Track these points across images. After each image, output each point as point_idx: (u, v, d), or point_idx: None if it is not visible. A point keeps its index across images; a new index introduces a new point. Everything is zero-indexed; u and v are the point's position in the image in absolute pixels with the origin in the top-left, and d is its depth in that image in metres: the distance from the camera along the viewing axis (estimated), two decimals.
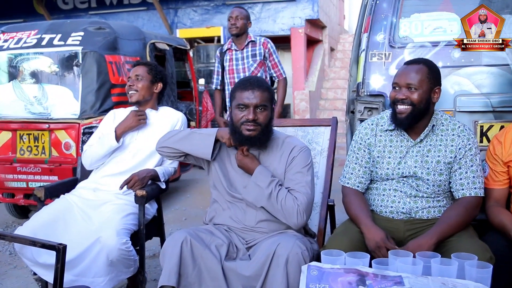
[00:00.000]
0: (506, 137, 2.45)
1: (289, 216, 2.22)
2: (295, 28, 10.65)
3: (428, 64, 2.33)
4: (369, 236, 2.19)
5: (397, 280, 1.56)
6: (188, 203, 5.94)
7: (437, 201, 2.33)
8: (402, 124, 2.31)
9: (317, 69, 11.42)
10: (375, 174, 2.41)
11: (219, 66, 4.70)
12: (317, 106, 11.17)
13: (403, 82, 2.29)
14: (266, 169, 2.31)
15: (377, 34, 2.96)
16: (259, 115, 2.26)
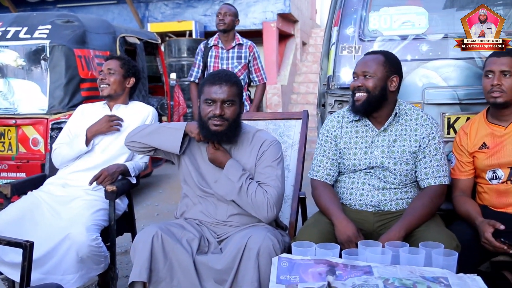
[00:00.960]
0: (472, 128, 2.51)
1: (259, 210, 2.23)
2: (267, 22, 10.65)
3: (385, 54, 2.38)
4: (340, 229, 2.21)
5: (366, 270, 1.58)
6: (161, 198, 5.90)
7: (404, 192, 2.37)
8: (359, 111, 2.36)
9: (289, 64, 11.45)
10: (342, 166, 2.44)
11: (201, 59, 4.69)
12: (289, 100, 11.21)
13: (359, 70, 2.35)
14: (237, 163, 2.31)
15: (347, 27, 2.98)
16: (226, 110, 2.25)
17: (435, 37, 2.87)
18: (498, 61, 2.39)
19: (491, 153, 2.43)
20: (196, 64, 4.73)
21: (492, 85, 2.37)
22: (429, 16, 2.92)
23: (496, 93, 2.36)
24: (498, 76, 2.37)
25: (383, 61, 2.34)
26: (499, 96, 2.36)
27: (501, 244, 2.19)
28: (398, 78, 2.36)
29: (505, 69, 2.38)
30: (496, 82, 2.35)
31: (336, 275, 1.56)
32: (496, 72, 2.37)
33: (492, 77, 2.39)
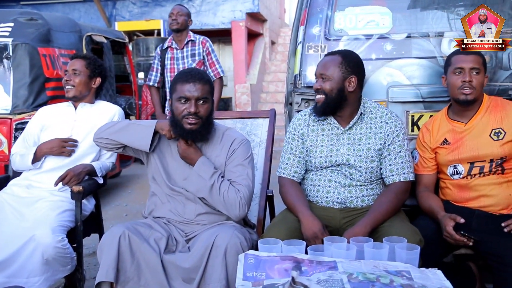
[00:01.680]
0: (434, 125, 2.57)
1: (231, 208, 2.24)
2: (236, 21, 10.66)
3: (343, 54, 2.40)
4: (306, 226, 2.24)
5: (332, 265, 1.60)
6: (130, 199, 5.85)
7: (370, 189, 2.41)
8: (319, 113, 2.41)
9: (258, 63, 11.48)
10: (309, 164, 2.46)
11: (158, 63, 4.69)
12: (258, 99, 11.24)
13: (317, 73, 2.40)
14: (208, 161, 2.31)
15: (313, 27, 3.01)
16: (201, 108, 2.25)
17: (399, 36, 2.93)
18: (467, 59, 2.45)
19: (452, 149, 2.49)
20: (154, 68, 4.72)
21: (463, 82, 2.42)
22: (393, 16, 2.97)
23: (467, 90, 2.41)
24: (468, 73, 2.42)
25: (339, 63, 2.36)
26: (470, 93, 2.42)
27: (461, 237, 2.25)
28: (357, 78, 2.38)
29: (474, 67, 2.44)
30: (469, 78, 2.41)
31: (302, 271, 1.58)
32: (466, 69, 2.43)
33: (462, 74, 2.44)
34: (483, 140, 2.44)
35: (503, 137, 2.41)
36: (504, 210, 2.42)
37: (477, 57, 2.47)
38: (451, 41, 2.88)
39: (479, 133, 2.46)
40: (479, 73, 2.45)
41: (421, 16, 3.01)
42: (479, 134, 2.46)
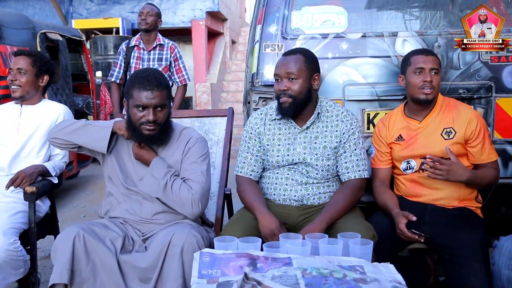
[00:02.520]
0: (390, 121, 2.63)
1: (184, 206, 2.22)
2: (196, 20, 10.61)
3: (304, 53, 2.42)
4: (263, 223, 2.25)
5: (286, 261, 1.62)
6: (88, 199, 5.74)
7: (327, 187, 2.44)
8: (287, 114, 2.40)
9: (218, 62, 11.46)
10: (266, 162, 2.48)
11: (122, 59, 4.60)
12: (219, 98, 11.22)
13: (283, 72, 2.37)
14: (162, 160, 2.29)
15: (270, 25, 3.02)
16: (159, 115, 2.23)
17: (354, 36, 2.97)
18: (428, 59, 2.51)
19: (406, 145, 2.55)
20: (118, 64, 4.63)
21: (424, 82, 2.48)
22: (348, 16, 3.01)
23: (427, 89, 2.47)
24: (429, 73, 2.48)
25: (304, 61, 2.37)
26: (430, 92, 2.48)
27: (412, 235, 2.32)
28: (319, 76, 2.43)
29: (434, 67, 2.50)
30: (429, 78, 2.47)
31: (257, 268, 1.59)
32: (426, 69, 2.49)
33: (422, 74, 2.49)
34: (434, 138, 2.51)
35: (453, 136, 2.49)
36: (455, 202, 2.49)
37: (436, 58, 2.54)
38: (404, 41, 2.95)
39: (431, 132, 2.53)
40: (437, 73, 2.52)
41: (376, 16, 3.07)
42: (432, 132, 2.53)
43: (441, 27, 3.04)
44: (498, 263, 2.12)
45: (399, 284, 1.53)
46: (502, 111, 2.94)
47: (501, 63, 2.92)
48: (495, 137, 2.96)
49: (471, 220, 2.44)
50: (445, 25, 3.04)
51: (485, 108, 2.95)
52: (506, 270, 2.09)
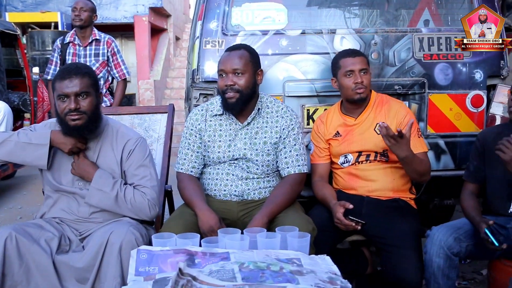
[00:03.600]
0: (328, 118, 2.69)
1: (141, 211, 2.23)
2: (139, 16, 10.43)
3: (248, 49, 2.44)
4: (203, 219, 2.25)
5: (224, 256, 1.62)
6: (25, 201, 5.54)
7: (267, 182, 2.47)
8: (234, 109, 2.40)
9: (162, 58, 11.33)
10: (207, 158, 2.48)
11: (58, 56, 4.45)
12: (162, 95, 11.09)
13: (229, 68, 2.36)
14: (105, 172, 2.26)
15: (210, 22, 3.02)
16: (82, 103, 2.17)
17: (294, 32, 3.01)
18: (356, 61, 2.56)
19: (343, 141, 2.62)
20: (53, 61, 4.48)
21: (356, 83, 2.53)
22: (288, 13, 3.06)
23: (360, 89, 2.53)
24: (359, 75, 2.54)
25: (249, 57, 2.39)
26: (362, 92, 2.54)
27: (350, 222, 2.37)
28: (262, 71, 2.45)
29: (363, 67, 2.56)
30: (360, 80, 2.53)
31: (195, 263, 1.59)
32: (356, 71, 2.54)
33: (353, 76, 2.55)
34: (368, 134, 2.59)
35: None
36: (389, 194, 2.58)
37: (363, 58, 2.61)
38: (342, 38, 3.02)
39: (366, 128, 2.61)
40: (367, 72, 2.58)
41: (315, 14, 3.12)
42: (366, 128, 2.61)
43: (378, 25, 3.13)
44: (429, 251, 2.21)
45: (334, 275, 1.57)
46: (435, 107, 3.07)
47: (433, 61, 3.05)
48: (428, 131, 3.08)
49: (405, 211, 2.53)
50: (381, 23, 3.13)
51: (419, 103, 3.06)
52: (437, 258, 2.19)
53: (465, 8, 3.13)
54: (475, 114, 3.11)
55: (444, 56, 3.06)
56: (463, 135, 3.09)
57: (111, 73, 4.46)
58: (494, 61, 3.08)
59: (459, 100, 3.09)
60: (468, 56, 3.06)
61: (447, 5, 3.15)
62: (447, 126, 3.10)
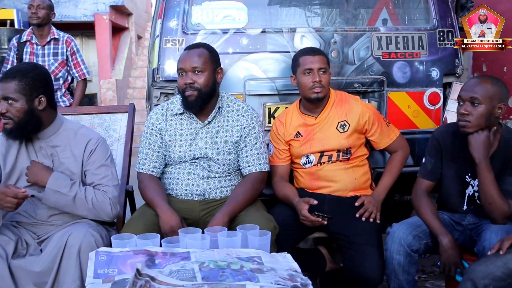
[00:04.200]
0: (287, 118, 2.70)
1: (102, 211, 2.19)
2: (99, 14, 10.23)
3: (207, 47, 2.44)
4: (164, 219, 2.24)
5: (185, 256, 1.62)
6: None
7: (228, 180, 2.47)
8: (194, 108, 2.39)
9: (124, 57, 11.15)
10: (168, 158, 2.46)
11: (14, 56, 4.32)
12: (125, 95, 10.92)
13: (188, 66, 2.35)
14: (61, 174, 2.21)
15: (170, 20, 3.00)
16: (11, 109, 2.12)
17: (254, 31, 3.02)
18: (315, 60, 2.57)
19: (304, 141, 2.63)
20: (9, 61, 4.34)
21: (314, 82, 2.54)
22: (248, 12, 3.06)
23: (317, 89, 2.54)
24: (317, 74, 2.55)
25: (208, 55, 2.38)
26: (320, 91, 2.55)
27: (316, 218, 2.39)
28: (222, 70, 2.45)
29: (322, 67, 2.57)
30: (318, 78, 2.54)
31: (155, 264, 1.58)
32: (314, 69, 2.55)
33: (311, 75, 2.55)
34: (330, 133, 2.61)
35: (347, 129, 2.60)
36: (351, 193, 2.61)
37: (323, 57, 2.61)
38: (302, 37, 3.05)
39: (327, 127, 2.62)
40: (326, 72, 2.59)
41: (275, 12, 3.14)
42: (328, 127, 2.62)
43: (337, 24, 3.16)
44: (390, 249, 2.25)
45: (294, 272, 1.58)
46: (393, 104, 3.13)
47: (391, 59, 3.11)
48: None
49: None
50: (341, 22, 3.17)
51: (378, 101, 3.12)
52: (397, 255, 2.23)
53: (421, 8, 3.21)
54: (433, 111, 3.18)
55: (402, 54, 3.12)
56: (421, 132, 3.16)
57: (70, 73, 4.37)
58: (450, 59, 3.16)
59: (417, 98, 3.16)
60: (425, 54, 3.13)
61: (404, 5, 3.22)
62: (406, 123, 3.17)
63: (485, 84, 2.19)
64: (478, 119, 2.17)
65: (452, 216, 2.40)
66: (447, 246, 2.19)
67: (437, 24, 3.16)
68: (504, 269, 1.79)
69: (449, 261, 2.18)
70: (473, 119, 2.17)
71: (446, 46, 3.17)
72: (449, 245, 2.19)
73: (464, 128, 2.20)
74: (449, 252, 2.18)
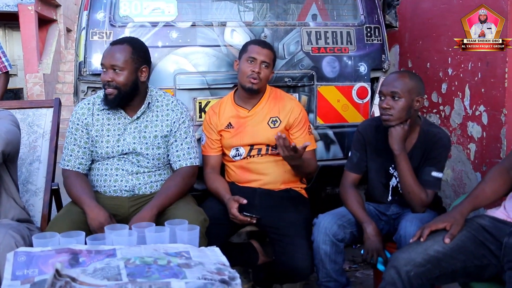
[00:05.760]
0: (221, 108, 2.69)
1: None
2: (23, 4, 9.77)
3: (132, 43, 2.36)
4: (92, 216, 2.18)
5: (110, 253, 1.57)
6: None
7: (158, 175, 2.43)
8: (111, 105, 2.34)
9: (52, 51, 10.73)
10: (95, 154, 2.39)
11: None
12: (53, 90, 10.52)
13: (107, 63, 2.29)
14: None
15: (97, 12, 2.90)
16: None
17: (184, 24, 2.99)
18: (262, 52, 2.58)
19: (235, 133, 2.64)
20: None
21: (252, 71, 2.55)
22: (178, 5, 3.01)
23: (254, 80, 2.55)
24: (259, 65, 2.55)
25: (131, 52, 2.31)
26: (256, 83, 2.55)
27: (244, 218, 2.41)
28: (148, 68, 2.38)
29: (266, 60, 2.58)
30: (258, 70, 2.54)
31: (80, 262, 1.52)
32: (258, 60, 2.56)
33: (253, 64, 2.55)
34: (261, 127, 2.63)
35: (278, 125, 2.63)
36: (282, 185, 2.64)
37: (270, 53, 2.62)
38: (233, 31, 3.04)
39: (259, 121, 2.64)
40: (268, 67, 2.61)
41: (205, 6, 3.11)
42: (259, 121, 2.64)
43: (268, 18, 3.18)
44: (317, 239, 2.29)
45: (223, 266, 1.58)
46: (323, 98, 3.19)
47: (321, 54, 3.17)
48: (318, 122, 3.20)
49: (296, 201, 2.61)
50: (271, 17, 3.19)
51: (309, 95, 3.17)
52: (323, 245, 2.27)
53: (349, 4, 3.29)
54: (361, 105, 3.27)
55: (331, 49, 3.19)
56: (350, 125, 3.24)
57: None
58: (376, 55, 3.26)
59: (346, 92, 3.23)
60: (353, 50, 3.21)
61: (333, 1, 3.29)
62: (335, 117, 3.24)
63: (403, 79, 2.28)
64: (400, 112, 2.25)
65: (377, 207, 2.48)
66: (371, 234, 2.26)
67: (365, 20, 3.24)
68: (424, 255, 1.86)
69: (372, 248, 2.25)
70: (395, 112, 2.25)
71: (373, 41, 3.26)
72: (372, 233, 2.26)
73: (387, 122, 2.28)
74: (372, 239, 2.25)
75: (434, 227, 1.93)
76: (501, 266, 1.86)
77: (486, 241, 1.91)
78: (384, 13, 3.82)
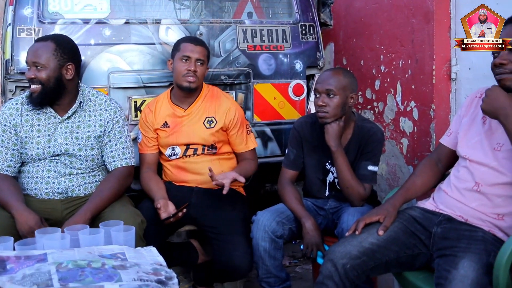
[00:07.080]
0: (157, 106, 2.65)
1: None
2: None
3: (57, 41, 2.29)
4: (21, 221, 2.09)
5: (41, 258, 1.51)
6: None
7: (92, 177, 2.37)
8: (36, 103, 2.27)
9: None
10: (25, 156, 2.30)
11: None
12: None
13: (30, 60, 2.24)
14: None
15: (24, 8, 2.78)
16: None
17: (117, 22, 2.91)
18: (196, 49, 2.55)
19: (171, 132, 2.61)
20: None
21: (188, 70, 2.51)
22: (110, 2, 2.93)
23: (191, 78, 2.52)
24: (194, 63, 2.53)
25: (54, 49, 2.24)
26: (193, 81, 2.52)
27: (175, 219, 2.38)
28: (74, 66, 2.31)
29: (200, 58, 2.55)
30: (194, 68, 2.51)
31: (7, 270, 1.46)
32: (192, 58, 2.52)
33: (188, 63, 2.52)
34: (197, 127, 2.61)
35: (214, 125, 2.61)
36: None
37: (204, 49, 2.60)
38: (168, 28, 3.00)
39: (195, 120, 2.62)
40: (203, 64, 2.58)
41: (139, 3, 3.04)
42: (196, 121, 2.62)
43: (203, 16, 3.16)
44: (256, 236, 2.30)
45: (159, 266, 1.56)
46: (260, 96, 3.21)
47: (257, 52, 3.18)
48: (255, 120, 3.22)
49: (234, 199, 2.60)
50: (207, 14, 3.17)
51: (245, 93, 3.18)
52: (263, 242, 2.29)
53: (284, 2, 3.32)
54: (297, 102, 3.31)
55: (266, 47, 3.21)
56: (287, 122, 3.27)
57: None
58: (311, 52, 3.31)
59: (282, 89, 3.26)
60: (289, 47, 3.25)
61: None
62: (272, 114, 3.27)
63: (338, 76, 2.33)
64: (335, 109, 2.30)
65: (315, 202, 2.52)
66: (309, 228, 2.30)
67: (299, 18, 3.29)
68: (359, 248, 1.91)
69: (311, 242, 2.29)
70: (330, 109, 2.30)
71: (308, 39, 3.31)
72: (311, 227, 2.30)
73: (323, 119, 2.32)
74: (311, 234, 2.29)
75: (369, 220, 1.99)
76: (430, 255, 1.94)
77: (417, 231, 1.98)
78: (319, 11, 3.89)
